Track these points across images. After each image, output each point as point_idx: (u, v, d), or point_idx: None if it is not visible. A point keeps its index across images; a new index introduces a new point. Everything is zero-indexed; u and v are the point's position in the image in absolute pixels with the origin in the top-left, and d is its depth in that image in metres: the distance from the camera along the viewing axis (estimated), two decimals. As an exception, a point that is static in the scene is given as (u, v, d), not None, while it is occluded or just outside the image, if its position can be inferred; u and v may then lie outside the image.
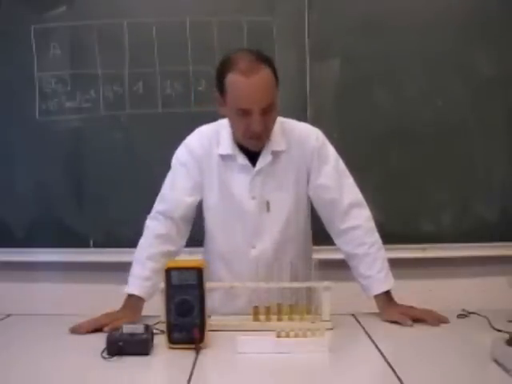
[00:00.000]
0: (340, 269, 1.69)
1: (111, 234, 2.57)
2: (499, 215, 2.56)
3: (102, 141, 2.57)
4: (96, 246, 2.59)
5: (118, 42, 2.53)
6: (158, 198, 1.74)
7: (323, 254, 1.84)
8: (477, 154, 2.55)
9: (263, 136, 1.62)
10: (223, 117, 1.69)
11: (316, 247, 1.84)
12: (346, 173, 1.74)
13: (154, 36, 2.52)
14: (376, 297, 1.65)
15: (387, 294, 1.65)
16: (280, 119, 1.72)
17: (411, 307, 1.62)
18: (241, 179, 1.68)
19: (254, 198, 1.68)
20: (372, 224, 1.71)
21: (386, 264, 1.67)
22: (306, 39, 2.51)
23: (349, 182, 1.73)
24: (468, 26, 2.52)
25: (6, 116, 2.59)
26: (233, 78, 1.56)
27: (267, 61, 1.58)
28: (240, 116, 1.58)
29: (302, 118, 2.45)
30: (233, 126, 1.66)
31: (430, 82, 2.53)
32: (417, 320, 1.57)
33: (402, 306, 1.64)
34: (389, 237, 1.69)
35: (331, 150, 1.74)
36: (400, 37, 2.51)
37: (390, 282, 1.66)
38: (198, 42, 2.52)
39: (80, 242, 2.58)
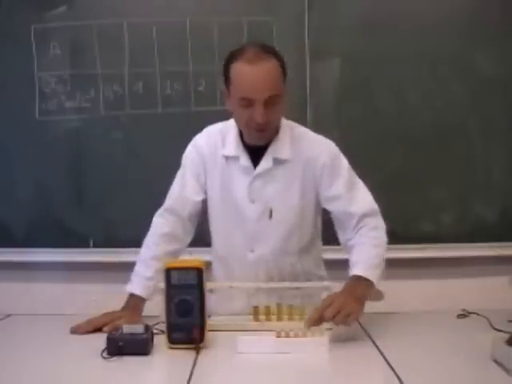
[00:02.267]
0: (341, 269, 1.69)
1: (111, 234, 2.57)
2: (499, 215, 2.56)
3: (101, 141, 2.57)
4: (96, 246, 2.59)
5: (117, 42, 2.52)
6: (168, 195, 1.74)
7: (323, 254, 1.84)
8: (477, 154, 2.55)
9: (266, 129, 1.58)
10: (230, 115, 1.67)
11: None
12: (359, 184, 1.68)
13: (153, 36, 2.52)
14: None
15: (358, 282, 1.51)
16: (292, 125, 1.69)
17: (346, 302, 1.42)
18: (241, 181, 1.66)
19: (252, 201, 1.66)
20: (379, 224, 1.63)
21: (377, 261, 1.56)
22: (306, 39, 2.51)
23: (360, 192, 1.67)
24: (468, 27, 2.52)
25: (6, 116, 2.59)
26: (237, 67, 1.54)
27: (274, 53, 1.56)
28: (243, 107, 1.54)
29: (302, 118, 2.48)
30: (236, 117, 1.63)
31: (430, 82, 2.53)
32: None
33: (342, 299, 1.43)
34: (389, 237, 1.68)
35: (344, 163, 1.68)
36: (400, 37, 2.51)
37: (369, 272, 1.52)
38: (198, 42, 2.52)
39: (80, 241, 2.58)
